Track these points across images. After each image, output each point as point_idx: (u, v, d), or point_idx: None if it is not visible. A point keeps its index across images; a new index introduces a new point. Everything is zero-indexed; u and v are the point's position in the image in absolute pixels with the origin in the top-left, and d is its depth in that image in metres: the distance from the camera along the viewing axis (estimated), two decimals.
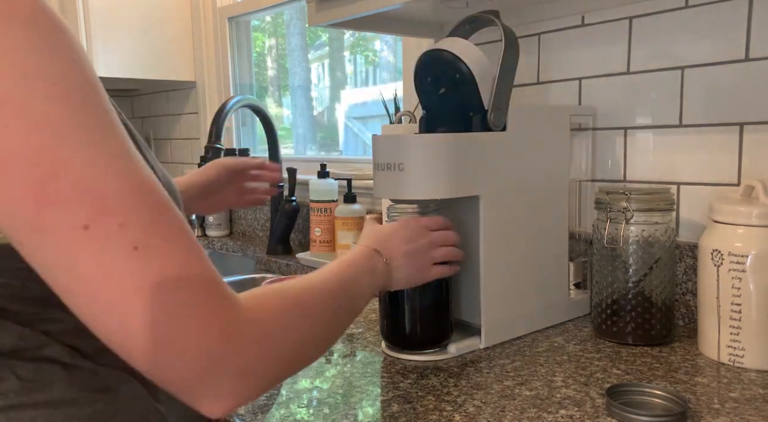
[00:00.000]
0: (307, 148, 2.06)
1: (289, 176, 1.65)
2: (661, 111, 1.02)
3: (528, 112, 0.95)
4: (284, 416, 0.70)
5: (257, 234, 1.93)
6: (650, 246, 0.88)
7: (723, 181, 0.95)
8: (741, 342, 0.80)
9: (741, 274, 0.79)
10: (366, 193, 1.52)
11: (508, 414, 0.68)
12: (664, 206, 0.89)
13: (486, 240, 0.87)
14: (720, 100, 0.95)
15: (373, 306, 1.13)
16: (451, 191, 0.83)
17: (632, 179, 1.06)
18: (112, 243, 0.42)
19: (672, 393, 0.69)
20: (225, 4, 2.09)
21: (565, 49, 1.13)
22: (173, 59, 2.12)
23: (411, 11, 1.15)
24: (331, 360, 0.87)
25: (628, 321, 0.89)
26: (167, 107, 2.39)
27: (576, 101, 1.12)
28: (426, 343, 0.87)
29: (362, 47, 1.90)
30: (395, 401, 0.73)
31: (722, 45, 0.94)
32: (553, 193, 0.98)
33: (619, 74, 1.06)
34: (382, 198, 1.11)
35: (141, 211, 0.43)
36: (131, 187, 0.43)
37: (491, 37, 1.20)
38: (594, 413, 0.68)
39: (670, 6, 0.99)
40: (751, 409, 0.68)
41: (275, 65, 2.19)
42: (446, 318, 0.88)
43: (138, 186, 0.44)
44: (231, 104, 1.53)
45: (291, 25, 2.08)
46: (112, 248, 0.42)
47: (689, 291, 0.98)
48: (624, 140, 1.07)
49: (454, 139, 0.83)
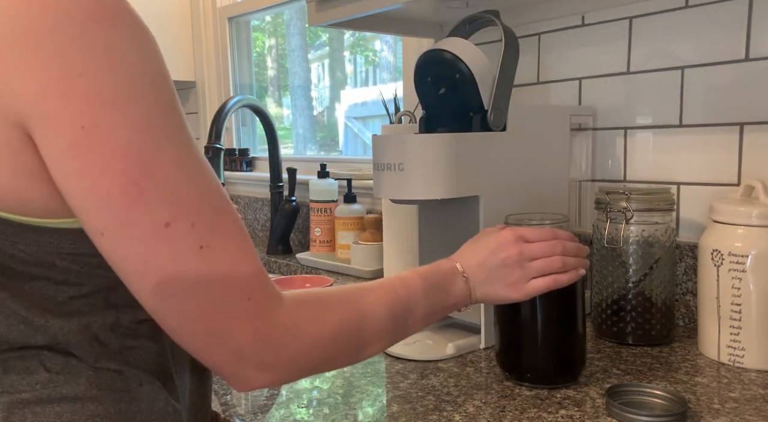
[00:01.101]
0: (307, 148, 2.06)
1: (289, 176, 1.65)
2: (661, 111, 1.02)
3: (528, 112, 0.95)
4: (284, 416, 0.70)
5: (257, 234, 1.93)
6: (650, 246, 0.88)
7: (723, 181, 0.95)
8: (741, 342, 0.80)
9: (741, 274, 0.79)
10: (366, 193, 1.52)
11: (508, 414, 0.68)
12: (664, 206, 0.89)
13: None
14: (720, 100, 0.95)
15: None
16: (451, 191, 0.83)
17: (632, 179, 1.06)
18: (185, 241, 0.46)
19: (672, 393, 0.69)
20: (225, 4, 2.09)
21: (565, 49, 1.13)
22: (173, 59, 2.12)
23: (411, 11, 1.15)
24: None
25: (628, 321, 0.89)
26: None
27: (576, 101, 1.12)
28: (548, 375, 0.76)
29: (362, 47, 1.90)
30: (395, 401, 0.73)
31: (722, 45, 0.94)
32: (553, 193, 0.98)
33: (619, 74, 1.06)
34: (382, 198, 1.11)
35: (208, 212, 0.48)
36: (202, 188, 0.48)
37: (491, 37, 1.20)
38: (594, 413, 0.68)
39: (670, 6, 0.99)
40: (751, 409, 0.68)
41: (275, 65, 2.19)
42: (574, 345, 0.77)
43: (206, 187, 0.48)
44: (231, 104, 1.53)
45: (291, 25, 2.08)
46: (185, 245, 0.46)
47: (689, 291, 0.98)
48: (624, 140, 1.07)
49: (454, 139, 0.83)
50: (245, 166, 2.05)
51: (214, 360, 0.51)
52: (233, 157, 2.04)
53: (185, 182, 0.47)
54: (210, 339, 0.49)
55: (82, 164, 0.44)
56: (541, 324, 0.75)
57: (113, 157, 0.44)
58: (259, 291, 0.50)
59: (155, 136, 0.45)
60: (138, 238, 0.45)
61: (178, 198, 0.46)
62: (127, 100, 0.44)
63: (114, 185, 0.44)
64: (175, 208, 0.46)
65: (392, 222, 1.22)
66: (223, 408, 0.72)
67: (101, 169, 0.44)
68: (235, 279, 0.49)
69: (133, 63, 0.45)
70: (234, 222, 0.50)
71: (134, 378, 0.53)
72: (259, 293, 0.50)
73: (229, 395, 0.76)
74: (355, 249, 1.39)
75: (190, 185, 0.47)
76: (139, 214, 0.45)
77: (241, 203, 1.98)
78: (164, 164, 0.45)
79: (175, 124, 0.47)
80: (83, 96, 0.43)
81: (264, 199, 1.87)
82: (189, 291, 0.47)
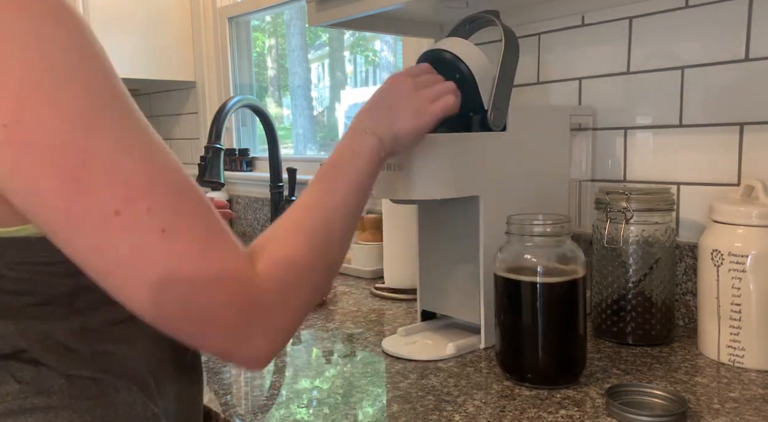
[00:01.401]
0: (307, 147, 2.06)
1: (289, 176, 1.65)
2: (661, 111, 1.02)
3: (528, 112, 0.95)
4: (284, 416, 0.70)
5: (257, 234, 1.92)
6: (650, 246, 0.88)
7: (723, 181, 0.95)
8: (741, 342, 0.80)
9: (741, 274, 0.79)
10: None
11: (508, 414, 0.68)
12: (664, 206, 0.89)
13: (486, 240, 0.87)
14: (720, 100, 0.95)
15: (373, 306, 1.14)
16: (451, 191, 0.83)
17: (632, 179, 1.06)
18: (142, 227, 0.43)
19: (672, 393, 0.69)
20: (225, 4, 2.09)
21: (565, 49, 1.13)
22: (173, 59, 2.12)
23: (411, 11, 1.15)
24: (331, 360, 0.87)
25: (628, 321, 0.89)
26: (167, 107, 2.39)
27: (576, 101, 1.12)
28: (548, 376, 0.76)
29: (362, 47, 1.90)
30: (395, 401, 0.73)
31: (722, 45, 0.94)
32: (553, 193, 0.98)
33: (619, 74, 1.06)
34: (382, 198, 1.11)
35: (165, 194, 0.45)
36: (155, 169, 0.45)
37: (491, 37, 1.20)
38: (594, 413, 0.68)
39: (670, 6, 0.99)
40: (751, 409, 0.68)
41: (275, 65, 2.19)
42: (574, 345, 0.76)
43: (159, 168, 0.45)
44: (231, 104, 1.53)
45: (291, 25, 2.08)
46: (144, 232, 0.43)
47: (689, 291, 0.98)
48: (624, 140, 1.07)
49: (454, 139, 0.83)
50: (245, 166, 2.05)
51: (211, 345, 0.49)
52: (233, 157, 2.04)
53: (131, 165, 0.44)
54: (197, 325, 0.47)
55: (12, 164, 0.41)
56: (542, 325, 0.75)
57: (43, 152, 0.41)
58: (234, 265, 0.48)
59: (87, 124, 0.42)
60: (88, 231, 0.43)
61: (124, 183, 0.43)
62: (51, 91, 0.42)
63: (50, 181, 0.42)
64: (123, 194, 0.43)
65: (392, 222, 1.22)
66: (223, 408, 0.72)
67: (34, 167, 0.41)
68: (206, 259, 0.46)
69: (52, 50, 0.42)
70: (197, 200, 0.47)
71: (109, 384, 0.52)
72: (234, 267, 0.47)
73: (229, 395, 0.76)
74: (355, 249, 1.39)
75: (138, 168, 0.44)
76: (84, 207, 0.42)
77: (241, 203, 1.98)
78: (101, 151, 0.43)
79: (114, 108, 0.44)
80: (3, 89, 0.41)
81: (264, 199, 1.87)
82: (161, 279, 0.44)
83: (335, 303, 1.18)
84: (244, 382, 0.80)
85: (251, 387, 0.78)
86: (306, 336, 0.98)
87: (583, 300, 0.77)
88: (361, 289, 1.28)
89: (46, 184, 0.42)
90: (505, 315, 0.78)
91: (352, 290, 1.27)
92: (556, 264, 0.76)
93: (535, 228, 0.77)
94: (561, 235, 0.77)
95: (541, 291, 0.75)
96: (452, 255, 0.93)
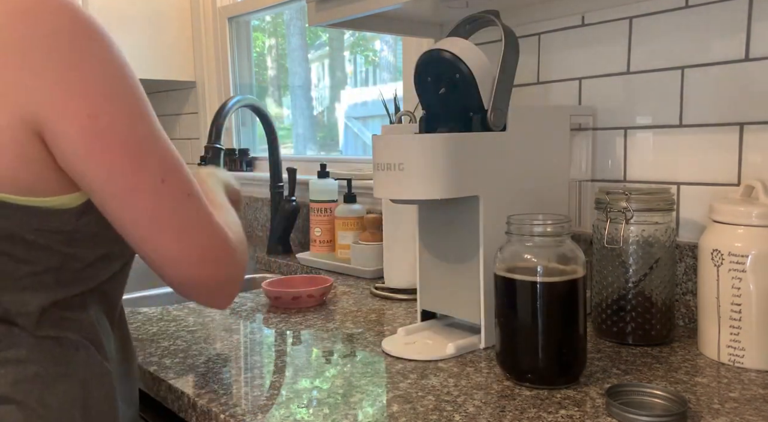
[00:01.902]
0: (307, 148, 2.06)
1: (289, 176, 1.65)
2: (661, 111, 1.02)
3: (528, 112, 0.95)
4: (284, 416, 0.70)
5: (257, 234, 1.93)
6: (650, 246, 0.88)
7: (723, 181, 0.95)
8: (741, 342, 0.80)
9: (741, 274, 0.79)
10: (366, 192, 1.52)
11: (508, 414, 0.68)
12: (664, 206, 0.89)
13: (486, 240, 0.87)
14: (720, 100, 0.95)
15: (373, 306, 1.14)
16: (451, 191, 0.83)
17: (632, 179, 1.06)
18: (177, 192, 0.62)
19: (672, 393, 0.69)
20: (225, 4, 2.09)
21: (565, 49, 1.13)
22: (173, 59, 2.13)
23: (411, 11, 1.15)
24: (331, 360, 0.87)
25: (628, 321, 0.89)
26: (167, 107, 2.39)
27: (576, 101, 1.12)
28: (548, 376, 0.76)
29: (362, 47, 1.90)
30: (395, 401, 0.73)
31: (722, 45, 0.94)
32: (553, 193, 0.98)
33: (619, 74, 1.06)
34: (382, 198, 1.11)
35: (183, 168, 0.63)
36: (174, 152, 0.63)
37: (491, 37, 1.20)
38: (594, 413, 0.68)
39: (670, 6, 0.99)
40: (751, 409, 0.68)
41: (275, 65, 2.19)
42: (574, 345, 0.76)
43: (174, 151, 0.63)
44: (231, 104, 1.53)
45: (291, 25, 2.08)
46: (178, 194, 0.62)
47: (689, 291, 0.98)
48: (624, 140, 1.07)
49: (454, 139, 0.83)
50: (245, 166, 2.05)
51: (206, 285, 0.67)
52: (233, 157, 2.04)
53: (164, 146, 0.61)
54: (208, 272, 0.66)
55: (91, 144, 0.56)
56: (542, 325, 0.75)
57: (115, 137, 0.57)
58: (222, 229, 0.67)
59: (140, 117, 0.59)
60: (145, 194, 0.59)
61: (164, 160, 0.61)
62: (119, 94, 0.58)
63: (119, 158, 0.58)
64: (164, 168, 0.61)
65: (392, 222, 1.22)
66: (223, 408, 0.72)
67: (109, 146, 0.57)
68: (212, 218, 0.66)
69: (114, 64, 0.59)
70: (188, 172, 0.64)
71: (71, 345, 0.62)
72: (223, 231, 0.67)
73: (229, 395, 0.76)
74: (355, 249, 1.39)
75: (166, 148, 0.62)
76: (142, 177, 0.59)
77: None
78: (149, 137, 0.60)
79: (147, 105, 0.61)
80: (84, 93, 0.56)
81: (264, 199, 1.87)
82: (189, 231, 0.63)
83: (335, 303, 1.18)
84: (244, 382, 0.80)
85: (251, 387, 0.78)
86: (306, 336, 0.98)
87: (583, 300, 0.77)
88: (361, 289, 1.28)
89: (115, 159, 0.57)
90: (505, 315, 0.78)
91: (352, 290, 1.27)
92: (556, 264, 0.76)
93: (535, 228, 0.77)
94: (561, 235, 0.77)
95: (541, 291, 0.75)
96: (452, 255, 0.93)
